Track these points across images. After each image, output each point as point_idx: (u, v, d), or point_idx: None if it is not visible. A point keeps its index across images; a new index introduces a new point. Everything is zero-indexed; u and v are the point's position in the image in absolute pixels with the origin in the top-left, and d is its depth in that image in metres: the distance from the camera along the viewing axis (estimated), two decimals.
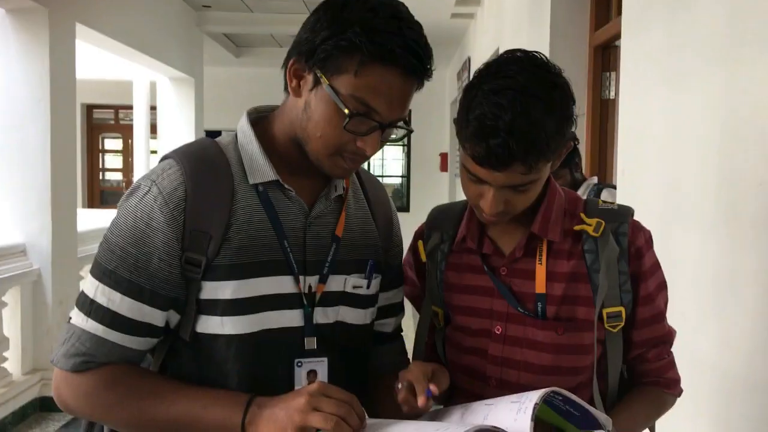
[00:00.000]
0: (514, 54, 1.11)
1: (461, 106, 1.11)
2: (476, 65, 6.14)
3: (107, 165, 12.21)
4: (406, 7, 1.08)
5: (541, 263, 1.19)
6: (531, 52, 1.12)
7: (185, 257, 1.08)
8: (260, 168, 1.13)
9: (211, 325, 1.10)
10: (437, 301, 1.31)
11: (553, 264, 1.18)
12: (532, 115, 1.03)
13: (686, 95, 1.86)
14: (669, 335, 1.25)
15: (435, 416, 1.17)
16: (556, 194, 1.21)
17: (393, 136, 1.13)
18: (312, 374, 1.15)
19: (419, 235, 1.37)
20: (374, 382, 1.31)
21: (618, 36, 2.75)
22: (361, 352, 1.27)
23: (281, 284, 1.13)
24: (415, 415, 1.11)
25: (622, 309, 1.17)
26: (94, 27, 5.18)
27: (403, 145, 11.14)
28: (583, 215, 1.19)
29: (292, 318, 1.14)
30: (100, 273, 1.08)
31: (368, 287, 1.23)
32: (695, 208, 1.79)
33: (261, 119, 1.20)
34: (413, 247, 1.37)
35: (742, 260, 1.55)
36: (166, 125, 7.75)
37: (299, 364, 1.14)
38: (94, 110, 11.79)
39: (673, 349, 1.27)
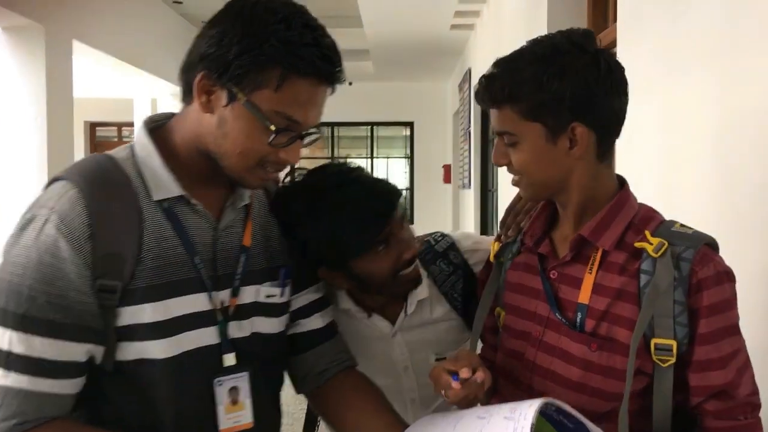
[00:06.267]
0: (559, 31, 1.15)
1: None
2: (477, 76, 6.15)
3: None
4: (308, 11, 1.08)
5: (590, 272, 1.12)
6: (578, 30, 1.14)
7: (98, 285, 1.02)
8: (164, 183, 1.08)
9: (133, 351, 1.06)
10: (501, 303, 1.28)
11: (603, 276, 1.11)
12: (513, 61, 1.10)
13: (681, 99, 1.83)
14: (732, 387, 1.06)
15: (429, 423, 1.14)
16: (625, 204, 1.15)
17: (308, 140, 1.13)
18: (233, 391, 1.13)
19: (499, 236, 1.35)
20: (326, 390, 1.29)
21: (615, 43, 2.71)
22: (279, 362, 1.26)
23: (195, 303, 1.09)
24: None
25: (674, 343, 1.05)
26: (92, 44, 5.21)
27: (407, 158, 11.13)
28: (647, 233, 1.10)
29: (208, 336, 1.11)
30: (9, 320, 0.98)
31: (282, 295, 1.22)
32: (692, 210, 1.74)
33: (158, 128, 1.15)
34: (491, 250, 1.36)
35: (743, 262, 1.50)
36: None
37: (219, 383, 1.11)
38: (97, 128, 11.83)
39: None
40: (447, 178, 10.09)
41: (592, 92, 1.08)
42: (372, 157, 11.32)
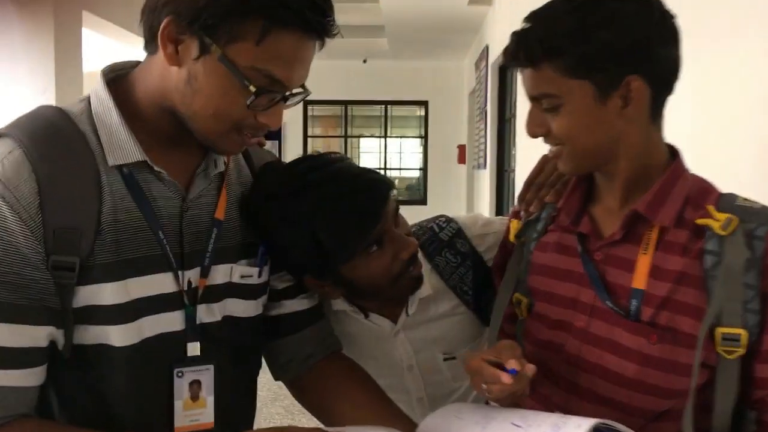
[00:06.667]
0: None
1: None
2: (495, 54, 5.95)
3: None
4: None
5: (646, 253, 0.99)
6: None
7: (52, 262, 0.89)
8: (123, 146, 0.94)
9: (90, 336, 0.94)
10: (522, 288, 1.15)
11: (662, 258, 0.99)
12: (550, 11, 0.98)
13: (720, 69, 1.70)
14: None
15: (455, 416, 1.02)
16: (679, 176, 1.02)
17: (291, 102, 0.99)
18: (195, 385, 1.01)
19: (516, 213, 1.21)
20: (312, 377, 1.18)
21: None
22: (255, 348, 1.15)
23: (159, 283, 0.97)
24: None
25: (743, 332, 0.93)
26: (102, 15, 5.07)
27: (421, 137, 11.01)
28: (711, 208, 0.98)
29: (172, 321, 0.99)
30: None
31: (260, 275, 1.09)
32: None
33: (119, 80, 1.01)
34: (508, 227, 1.22)
35: None
36: None
37: (180, 374, 1.00)
38: None
39: None
40: (461, 159, 9.96)
41: (648, 39, 0.95)
42: (386, 137, 11.19)
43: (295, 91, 0.96)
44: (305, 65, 0.95)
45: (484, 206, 7.18)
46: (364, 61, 9.94)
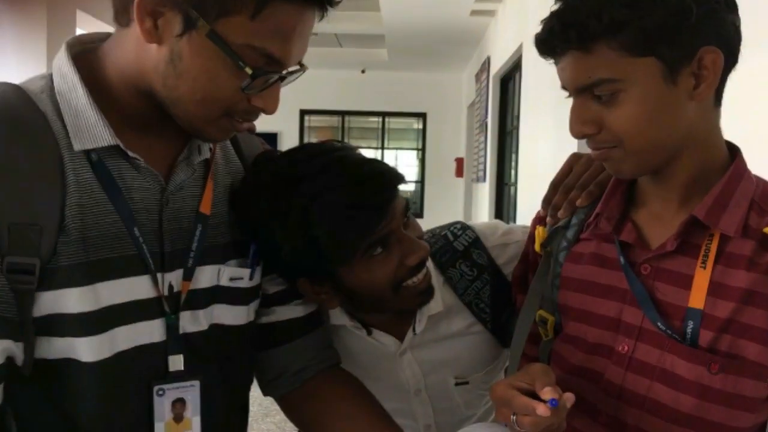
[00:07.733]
0: None
1: None
2: (496, 65, 5.86)
3: None
4: None
5: (704, 267, 0.86)
6: None
7: (7, 264, 0.76)
8: (91, 128, 0.82)
9: (54, 350, 0.81)
10: (548, 304, 1.02)
11: (723, 272, 0.86)
12: None
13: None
14: None
15: None
16: (741, 178, 0.89)
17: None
18: (179, 404, 0.90)
19: (541, 219, 1.07)
20: (304, 393, 1.06)
21: None
22: (245, 361, 1.04)
23: (136, 288, 0.85)
24: None
25: None
26: (97, 15, 4.98)
27: (418, 150, 10.93)
28: None
29: (150, 332, 0.87)
30: None
31: (251, 278, 0.97)
32: None
33: (86, 54, 0.88)
34: (532, 235, 1.09)
35: None
36: None
37: (161, 392, 0.89)
38: None
39: None
40: (459, 172, 9.89)
41: (716, 3, 0.82)
42: (383, 149, 11.11)
43: (291, 68, 0.86)
44: (305, 39, 0.85)
45: (483, 220, 7.07)
46: (363, 71, 9.89)
